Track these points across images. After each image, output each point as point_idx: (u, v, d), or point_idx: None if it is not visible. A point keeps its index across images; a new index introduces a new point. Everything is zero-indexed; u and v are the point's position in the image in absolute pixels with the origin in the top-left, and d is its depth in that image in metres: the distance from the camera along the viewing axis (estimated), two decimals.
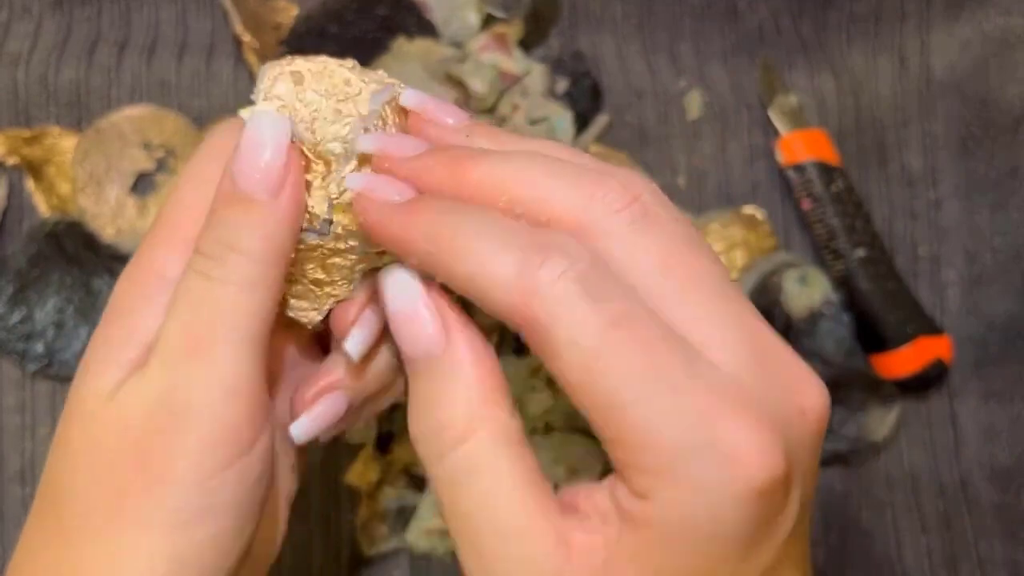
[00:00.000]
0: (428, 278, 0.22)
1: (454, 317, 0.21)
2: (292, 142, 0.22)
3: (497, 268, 0.19)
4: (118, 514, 0.22)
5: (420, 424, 0.21)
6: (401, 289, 0.22)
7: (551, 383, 0.43)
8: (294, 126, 0.23)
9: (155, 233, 0.24)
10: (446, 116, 0.24)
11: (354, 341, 0.24)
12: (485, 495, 0.20)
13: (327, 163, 0.23)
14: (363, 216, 0.22)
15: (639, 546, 0.19)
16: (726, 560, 0.19)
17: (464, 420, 0.20)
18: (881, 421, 0.44)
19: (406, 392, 0.23)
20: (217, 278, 0.22)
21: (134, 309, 0.23)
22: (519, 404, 0.42)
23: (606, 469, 0.23)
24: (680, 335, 0.19)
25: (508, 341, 0.42)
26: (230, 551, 0.23)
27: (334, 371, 0.26)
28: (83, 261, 0.42)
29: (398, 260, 0.23)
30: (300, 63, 0.24)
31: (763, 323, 0.21)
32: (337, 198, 0.23)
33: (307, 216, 0.24)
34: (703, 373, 0.19)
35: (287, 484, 0.27)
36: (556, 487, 0.44)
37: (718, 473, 0.18)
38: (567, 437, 0.43)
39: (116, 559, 0.22)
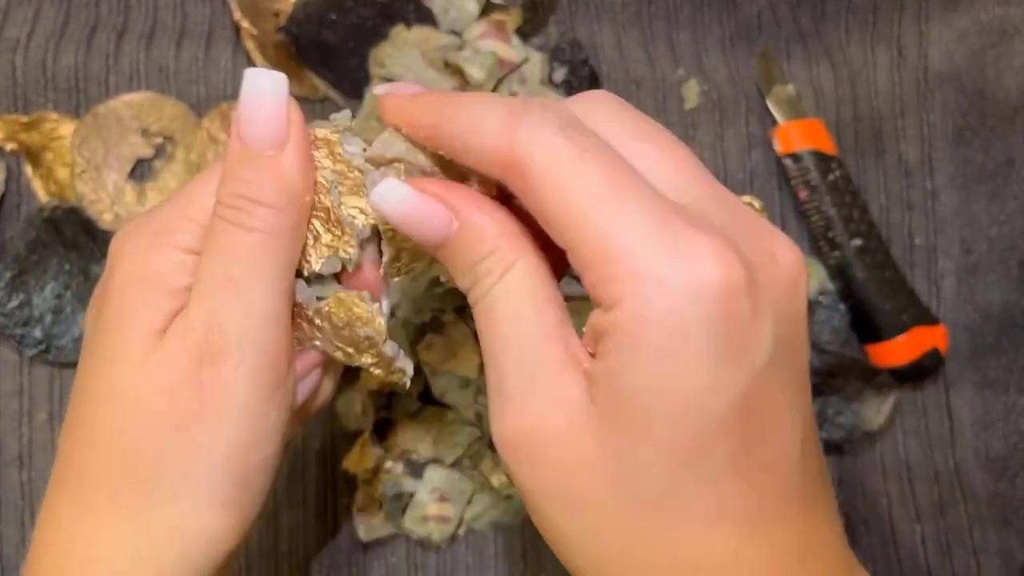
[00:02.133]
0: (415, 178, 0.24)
1: (449, 191, 0.23)
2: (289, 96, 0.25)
3: (486, 122, 0.21)
4: (181, 446, 0.24)
5: (464, 278, 0.23)
6: (394, 194, 0.23)
7: None
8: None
9: (182, 210, 0.26)
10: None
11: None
12: (517, 314, 0.22)
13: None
14: (385, 107, 0.24)
15: (610, 357, 0.20)
16: (695, 368, 0.19)
17: (500, 263, 0.22)
18: (877, 410, 0.44)
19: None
20: (243, 225, 0.24)
21: (169, 268, 0.25)
22: None
23: None
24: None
25: None
26: (272, 477, 0.26)
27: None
28: (81, 247, 0.42)
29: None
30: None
31: (736, 198, 0.23)
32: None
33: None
34: (669, 203, 0.20)
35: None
36: None
37: (676, 271, 0.19)
38: None
39: (181, 487, 0.24)
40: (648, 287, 0.19)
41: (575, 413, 0.20)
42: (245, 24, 0.43)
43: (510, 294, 0.22)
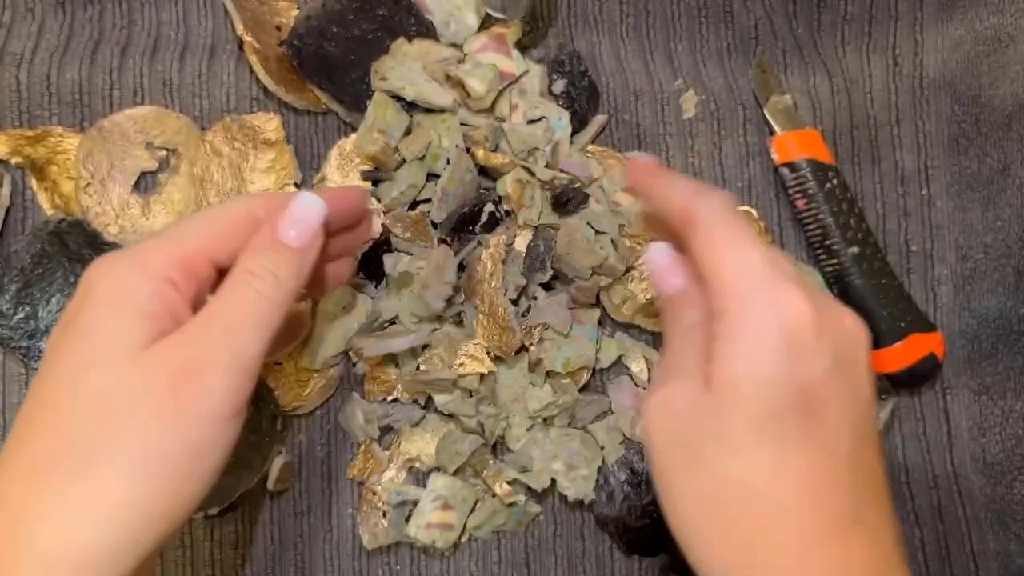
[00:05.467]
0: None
1: (686, 270, 0.34)
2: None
3: (680, 189, 0.32)
4: (144, 434, 0.28)
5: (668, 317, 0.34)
6: (663, 257, 0.35)
7: (551, 377, 0.43)
8: None
9: (160, 243, 0.30)
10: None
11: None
12: (683, 337, 0.32)
13: None
14: (630, 167, 0.36)
15: (719, 353, 0.29)
16: (769, 362, 0.28)
17: (690, 316, 0.33)
18: (875, 416, 0.45)
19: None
20: (261, 290, 0.30)
21: (143, 293, 0.29)
22: (519, 400, 0.43)
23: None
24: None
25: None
26: (208, 486, 0.30)
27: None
28: (86, 259, 0.42)
29: None
30: None
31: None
32: None
33: None
34: (778, 264, 0.30)
35: None
36: (553, 481, 0.44)
37: (767, 304, 0.29)
38: (565, 432, 0.44)
39: (133, 465, 0.27)
40: (749, 309, 0.28)
41: (695, 391, 0.29)
42: (248, 38, 0.43)
43: (689, 332, 0.32)
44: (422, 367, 0.42)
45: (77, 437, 0.27)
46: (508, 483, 0.43)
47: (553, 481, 0.43)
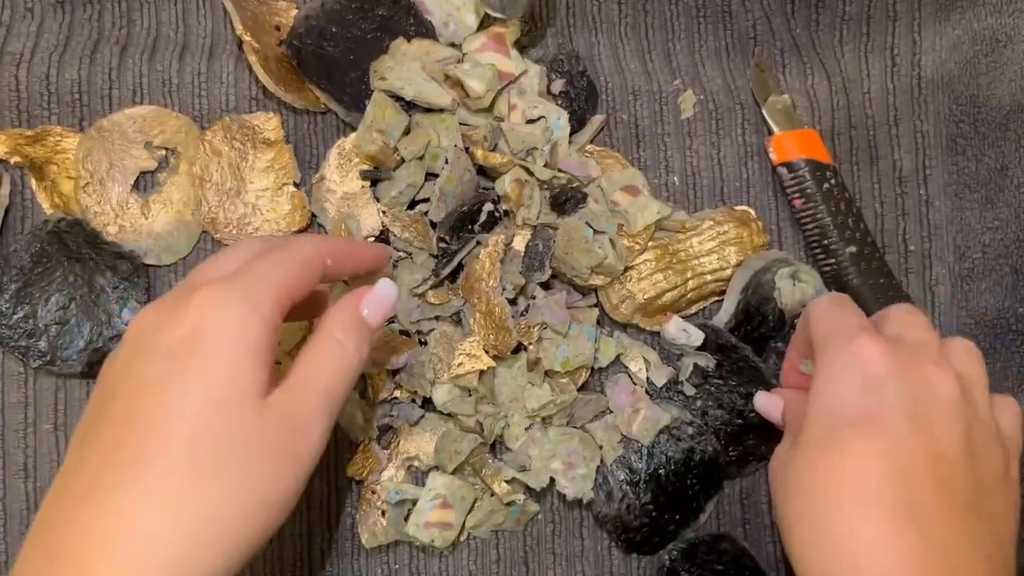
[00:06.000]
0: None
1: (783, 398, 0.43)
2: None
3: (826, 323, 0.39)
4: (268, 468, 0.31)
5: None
6: (761, 397, 0.44)
7: (549, 376, 0.43)
8: None
9: (264, 279, 0.32)
10: None
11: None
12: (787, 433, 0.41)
13: None
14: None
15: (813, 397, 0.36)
16: (847, 393, 0.35)
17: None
18: None
19: None
20: (347, 360, 0.33)
21: (261, 338, 0.31)
22: (518, 399, 0.43)
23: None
24: None
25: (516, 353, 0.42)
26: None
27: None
28: (85, 259, 0.42)
29: None
30: None
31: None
32: None
33: None
34: (861, 326, 0.37)
35: None
36: (552, 480, 0.44)
37: (845, 350, 0.36)
38: (564, 432, 0.44)
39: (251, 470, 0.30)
40: (827, 356, 0.36)
41: (790, 444, 0.38)
42: (247, 38, 0.43)
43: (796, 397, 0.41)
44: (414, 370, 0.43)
45: (183, 467, 0.29)
46: (507, 482, 0.43)
47: (552, 480, 0.43)
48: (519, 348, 0.43)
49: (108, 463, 0.29)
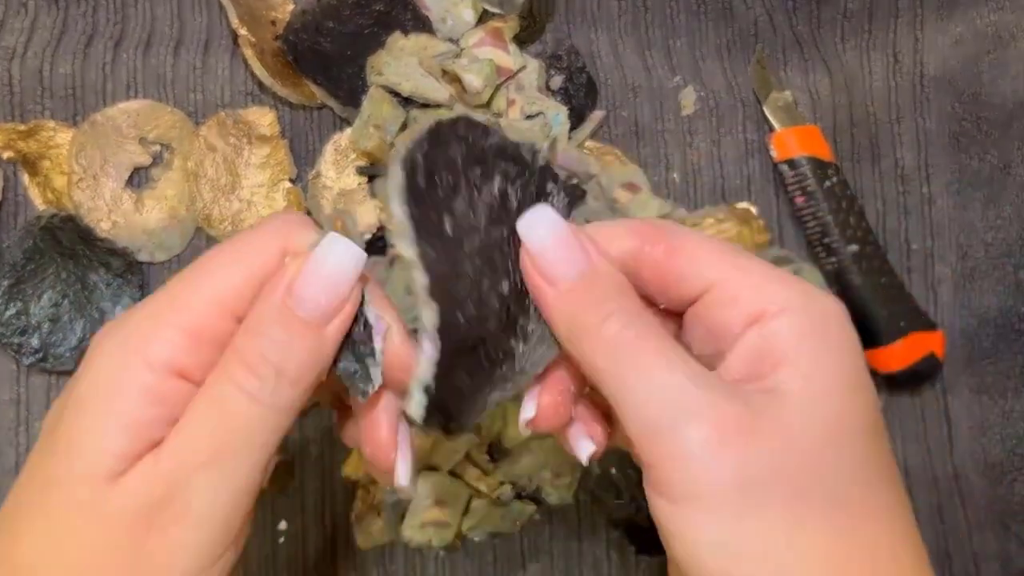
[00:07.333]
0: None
1: (588, 243, 0.25)
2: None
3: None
4: None
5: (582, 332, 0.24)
6: (552, 226, 0.24)
7: None
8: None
9: (166, 307, 0.23)
10: None
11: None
12: (649, 360, 0.23)
13: None
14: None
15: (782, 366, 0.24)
16: (843, 356, 0.24)
17: (620, 312, 0.24)
18: None
19: None
20: (256, 397, 0.22)
21: (132, 396, 0.23)
22: (503, 423, 0.42)
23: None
24: None
25: None
26: None
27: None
28: (78, 255, 0.42)
29: None
30: None
31: None
32: None
33: None
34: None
35: None
36: (538, 489, 0.44)
37: (811, 305, 0.24)
38: (552, 446, 0.43)
39: None
40: (791, 314, 0.24)
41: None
42: (243, 32, 0.43)
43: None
44: None
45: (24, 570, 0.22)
46: (500, 483, 0.42)
47: (538, 488, 0.43)
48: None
49: None
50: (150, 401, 0.22)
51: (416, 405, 0.24)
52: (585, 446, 0.26)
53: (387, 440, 0.25)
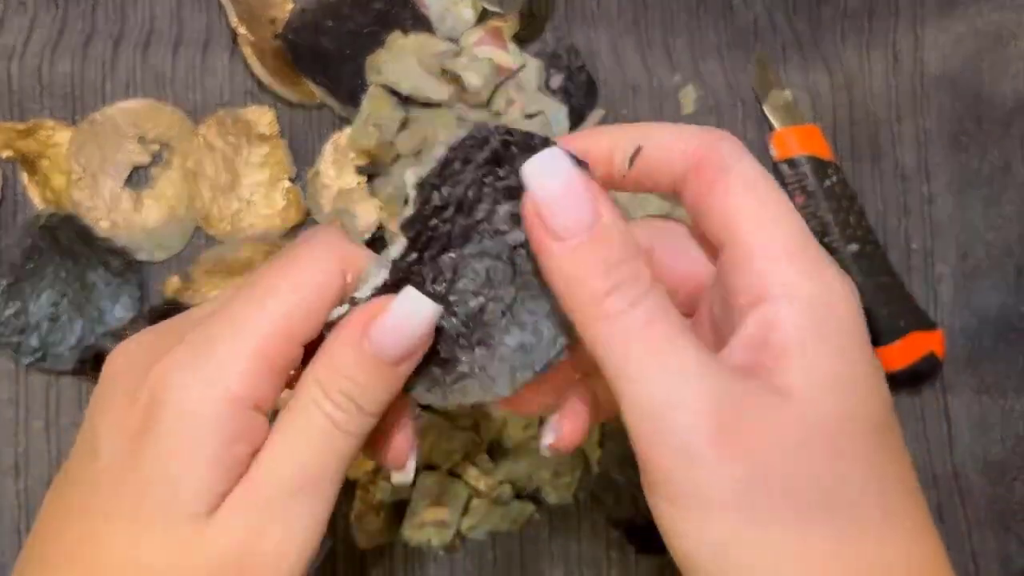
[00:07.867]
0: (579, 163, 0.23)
1: (602, 196, 0.23)
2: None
3: (686, 131, 0.27)
4: None
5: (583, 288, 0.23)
6: (563, 171, 0.22)
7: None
8: None
9: (234, 334, 0.24)
10: None
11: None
12: (654, 348, 0.22)
13: None
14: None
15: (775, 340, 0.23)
16: (849, 342, 0.23)
17: (629, 284, 0.22)
18: None
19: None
20: (340, 426, 0.24)
21: (219, 432, 0.23)
22: (504, 431, 0.42)
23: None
24: None
25: None
26: None
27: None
28: (78, 254, 0.42)
29: None
30: None
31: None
32: None
33: None
34: (812, 239, 0.24)
35: None
36: (538, 489, 0.44)
37: (816, 288, 0.23)
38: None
39: None
40: (793, 302, 0.22)
41: None
42: (242, 31, 0.43)
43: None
44: None
45: None
46: (500, 483, 0.42)
47: (538, 489, 0.43)
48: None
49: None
50: (235, 436, 0.23)
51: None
52: (548, 438, 0.27)
53: (403, 443, 0.27)
